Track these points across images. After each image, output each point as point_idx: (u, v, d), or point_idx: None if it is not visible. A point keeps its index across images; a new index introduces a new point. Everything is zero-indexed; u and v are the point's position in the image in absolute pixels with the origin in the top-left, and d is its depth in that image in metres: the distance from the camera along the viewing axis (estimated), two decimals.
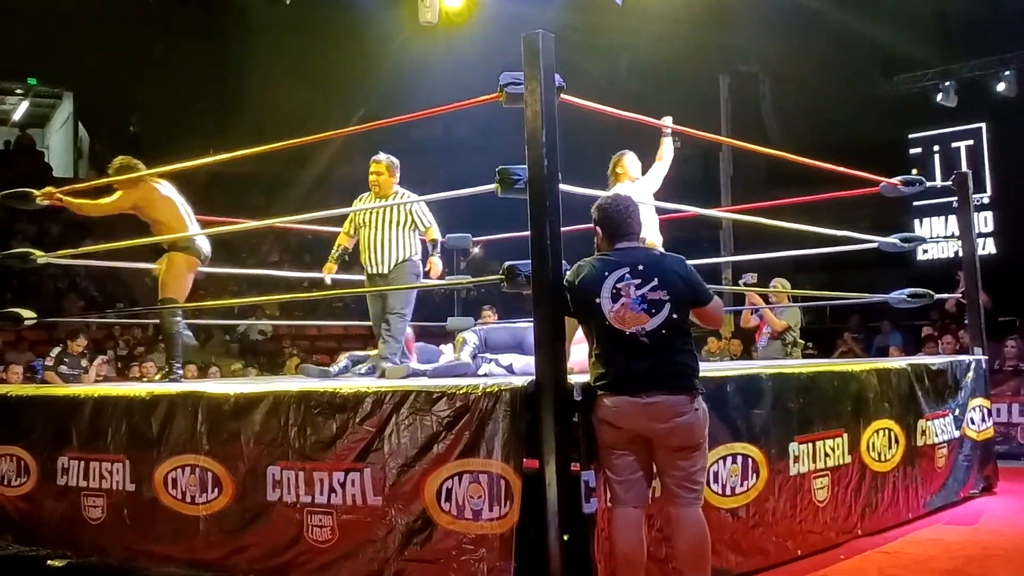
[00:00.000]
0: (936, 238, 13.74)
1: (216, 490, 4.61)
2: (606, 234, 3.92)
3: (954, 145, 14.92)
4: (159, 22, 17.17)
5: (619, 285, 3.73)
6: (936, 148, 15.12)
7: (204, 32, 17.90)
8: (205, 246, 6.46)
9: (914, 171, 11.32)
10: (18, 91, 20.55)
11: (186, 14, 17.53)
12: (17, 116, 21.20)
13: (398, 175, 6.13)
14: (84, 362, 10.55)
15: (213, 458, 4.64)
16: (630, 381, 3.70)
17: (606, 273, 3.76)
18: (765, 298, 8.36)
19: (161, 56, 17.31)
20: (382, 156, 6.09)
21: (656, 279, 3.73)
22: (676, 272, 3.81)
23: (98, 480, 5.07)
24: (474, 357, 5.69)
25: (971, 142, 14.82)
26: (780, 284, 8.09)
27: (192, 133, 16.94)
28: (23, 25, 15.66)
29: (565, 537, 3.68)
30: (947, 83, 14.66)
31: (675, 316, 3.72)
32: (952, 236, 7.34)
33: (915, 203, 14.25)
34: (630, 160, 6.26)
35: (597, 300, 3.74)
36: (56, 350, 10.57)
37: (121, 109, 18.76)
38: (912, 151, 15.29)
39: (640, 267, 3.76)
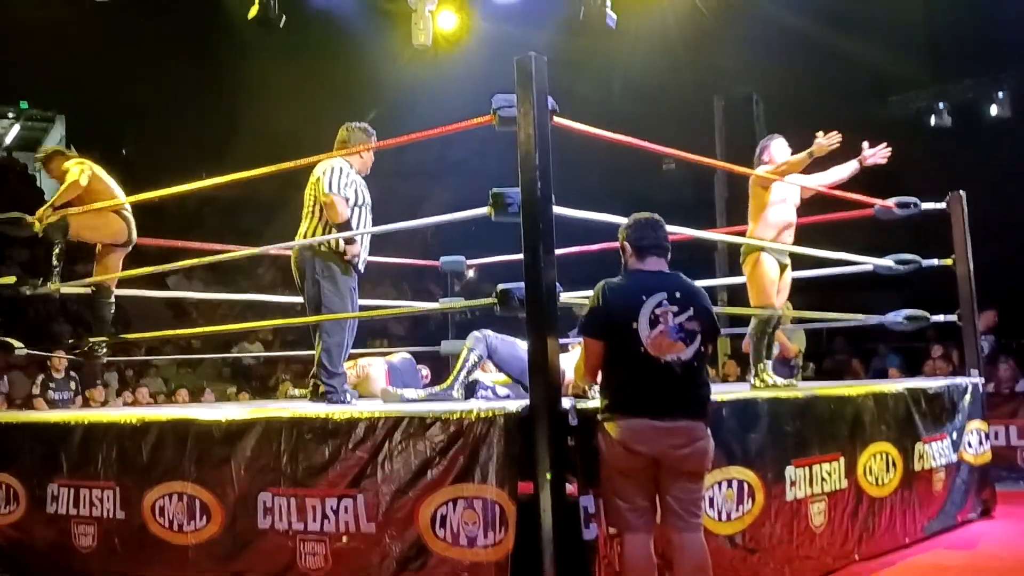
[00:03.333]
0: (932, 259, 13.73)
1: (204, 518, 4.55)
2: (636, 251, 3.87)
3: None
4: (151, 45, 17.19)
5: (657, 311, 3.69)
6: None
7: (197, 56, 17.91)
8: (134, 232, 6.53)
9: None
10: (10, 114, 20.57)
11: (179, 38, 17.55)
12: (9, 139, 21.21)
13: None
14: (73, 385, 10.42)
15: (202, 485, 4.58)
16: (653, 405, 3.67)
17: (643, 297, 3.71)
18: None
19: (153, 79, 17.33)
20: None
21: (692, 309, 3.73)
22: (707, 303, 3.82)
23: (88, 507, 5.02)
24: (472, 384, 5.48)
25: None
26: (785, 306, 7.99)
27: (185, 156, 16.92)
28: (15, 48, 15.67)
29: (564, 562, 3.64)
30: (940, 105, 14.73)
31: (703, 349, 3.75)
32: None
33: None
34: (777, 147, 6.29)
35: (634, 325, 3.68)
36: (40, 376, 10.47)
37: (113, 132, 18.78)
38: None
39: (677, 294, 3.74)
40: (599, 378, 3.87)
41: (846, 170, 6.52)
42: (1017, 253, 13.68)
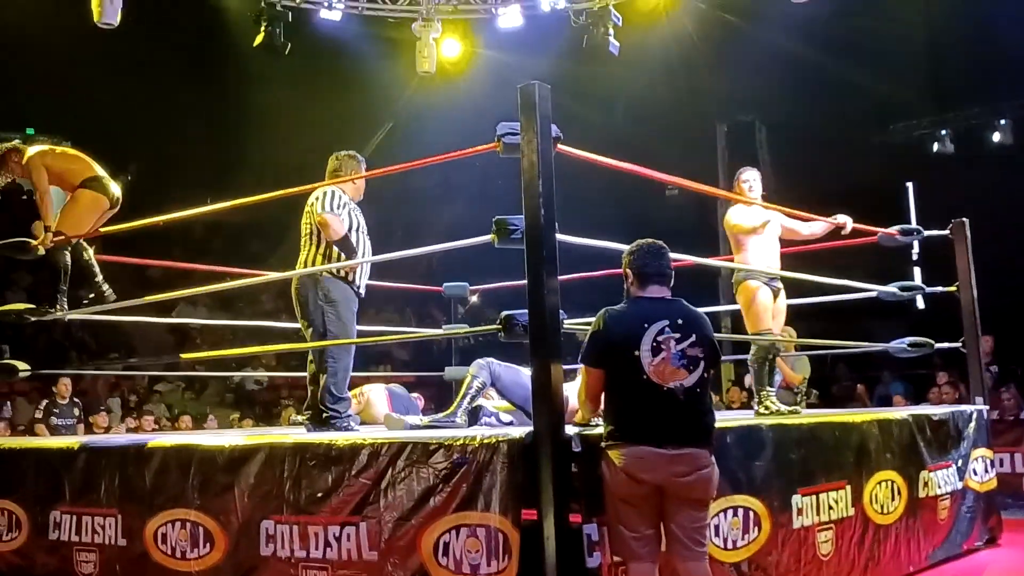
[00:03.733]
0: (935, 286, 13.71)
1: (208, 545, 4.53)
2: (639, 278, 3.88)
3: None
4: (158, 72, 17.28)
5: (660, 338, 3.69)
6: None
7: (203, 82, 18.00)
8: (115, 188, 6.42)
9: None
10: (14, 137, 20.64)
11: (185, 64, 17.66)
12: None
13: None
14: (77, 411, 10.41)
15: (204, 512, 4.57)
16: (657, 433, 3.65)
17: (645, 325, 3.71)
18: None
19: (159, 106, 17.41)
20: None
21: (694, 335, 3.73)
22: (708, 330, 3.82)
23: (90, 534, 5.00)
24: (476, 410, 5.48)
25: None
26: (787, 333, 7.98)
27: (190, 182, 16.98)
28: (22, 74, 15.76)
29: None
30: (943, 132, 14.76)
31: (706, 375, 3.74)
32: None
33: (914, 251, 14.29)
34: (747, 178, 6.31)
35: (636, 353, 3.67)
36: (44, 401, 10.46)
37: (119, 158, 18.77)
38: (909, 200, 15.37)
39: (679, 321, 3.74)
40: (602, 406, 3.86)
41: (821, 226, 6.56)
42: (1021, 280, 13.67)
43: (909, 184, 15.35)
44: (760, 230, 6.22)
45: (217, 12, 13.27)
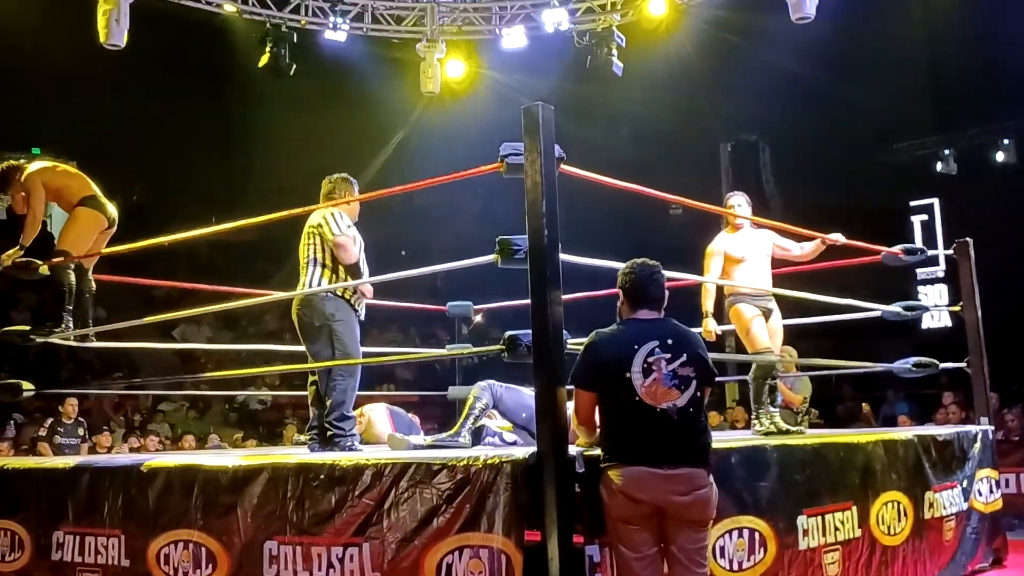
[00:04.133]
0: (940, 306, 13.72)
1: (211, 566, 4.51)
2: (630, 300, 3.88)
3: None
4: (163, 92, 17.39)
5: (650, 359, 3.68)
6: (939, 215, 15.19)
7: (208, 102, 18.12)
8: (112, 208, 6.51)
9: None
10: (21, 160, 20.72)
11: (190, 84, 17.76)
12: None
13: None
14: (81, 431, 10.40)
15: (207, 533, 4.55)
16: (652, 454, 3.64)
17: (635, 346, 3.70)
18: None
19: (166, 126, 17.50)
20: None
21: (685, 355, 3.71)
22: (700, 348, 3.80)
23: (93, 555, 4.98)
24: (479, 429, 5.48)
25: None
26: (787, 353, 7.97)
27: (196, 202, 17.04)
28: (28, 95, 15.87)
29: None
30: (947, 151, 14.78)
31: (699, 394, 3.72)
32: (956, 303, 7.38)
33: (919, 270, 14.31)
34: (737, 204, 6.42)
35: (627, 375, 3.66)
36: (49, 420, 10.45)
37: (125, 179, 18.89)
38: (913, 218, 15.36)
39: (669, 341, 3.72)
40: (597, 428, 3.85)
41: (812, 246, 6.63)
42: None
43: (921, 202, 15.29)
44: (736, 261, 6.35)
45: (222, 33, 13.36)
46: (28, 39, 13.58)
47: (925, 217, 14.99)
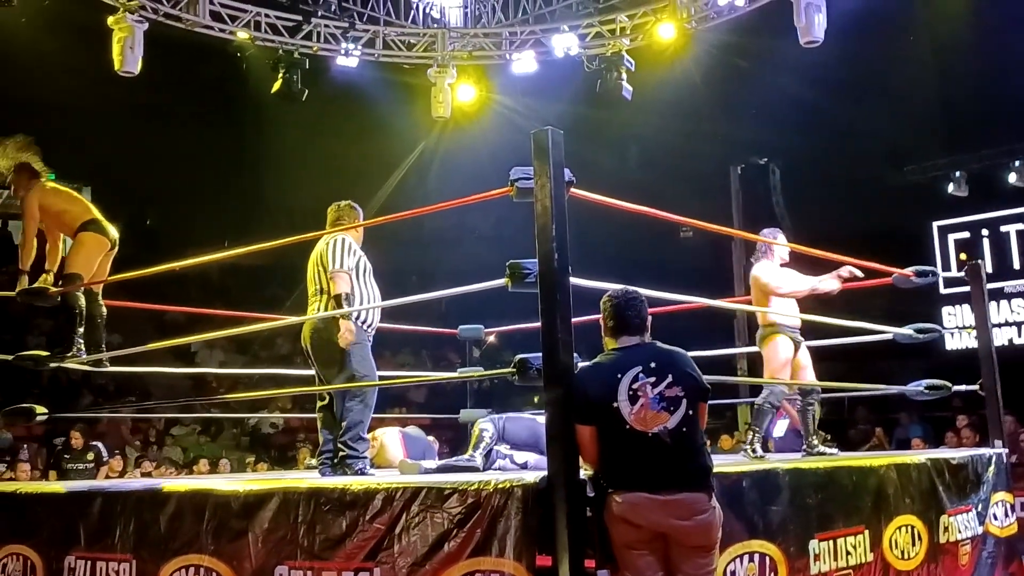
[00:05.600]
0: (957, 328, 13.62)
1: None
2: (611, 327, 3.90)
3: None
4: (177, 118, 17.52)
5: (635, 386, 3.68)
6: (952, 237, 15.13)
7: (221, 128, 18.23)
8: (113, 231, 6.63)
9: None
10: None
11: (204, 110, 17.88)
12: None
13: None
14: (91, 455, 10.37)
15: (218, 557, 4.54)
16: (649, 479, 3.63)
17: (618, 376, 3.71)
18: None
19: (179, 152, 17.62)
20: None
21: (670, 375, 3.70)
22: (686, 366, 3.78)
23: None
24: (489, 452, 5.55)
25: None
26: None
27: (208, 226, 17.14)
28: (43, 121, 16.00)
29: None
30: (957, 174, 14.76)
31: (690, 412, 3.69)
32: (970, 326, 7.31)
33: (942, 291, 14.25)
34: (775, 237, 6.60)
35: (615, 404, 3.68)
36: (59, 445, 10.46)
37: (138, 203, 19.04)
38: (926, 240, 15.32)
39: (652, 364, 3.72)
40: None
41: (825, 284, 6.59)
42: None
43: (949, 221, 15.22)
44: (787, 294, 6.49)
45: (235, 60, 13.47)
46: (44, 66, 13.71)
47: (966, 234, 14.90)
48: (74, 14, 12.12)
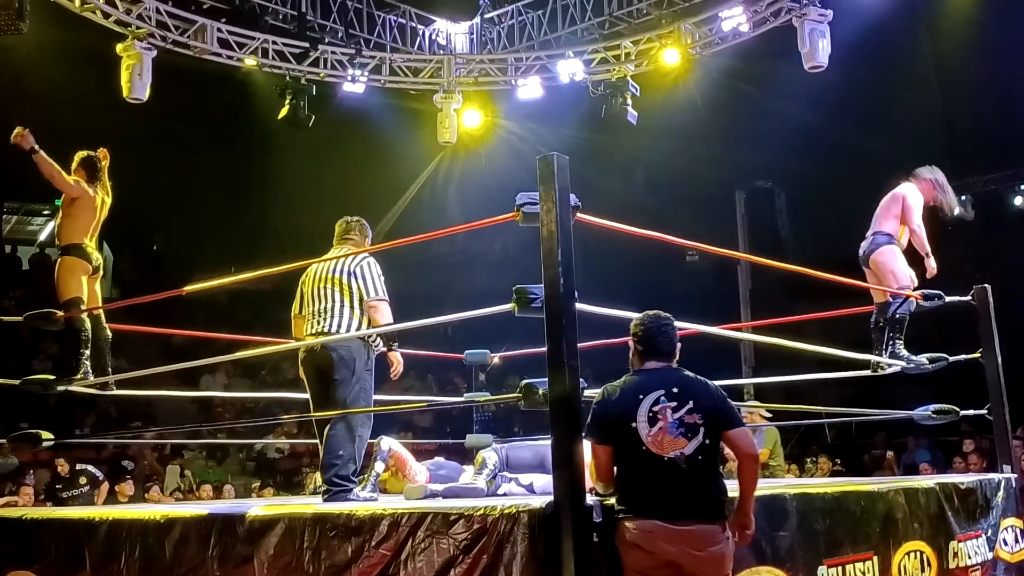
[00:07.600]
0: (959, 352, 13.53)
1: None
2: (640, 351, 3.90)
3: None
4: (184, 144, 17.62)
5: (655, 408, 3.68)
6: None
7: (228, 154, 18.34)
8: (96, 255, 6.91)
9: None
10: (45, 212, 20.95)
11: (211, 136, 17.99)
12: (43, 236, 21.58)
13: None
14: (83, 479, 10.22)
15: None
16: (664, 506, 3.61)
17: (640, 396, 3.72)
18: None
19: (185, 177, 17.72)
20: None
21: (691, 402, 3.70)
22: (709, 395, 3.78)
23: None
24: (493, 478, 5.56)
25: None
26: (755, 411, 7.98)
27: (215, 251, 17.19)
28: (49, 148, 16.11)
29: None
30: (963, 197, 14.76)
31: (708, 441, 3.69)
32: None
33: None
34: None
35: (633, 424, 3.68)
36: (52, 472, 10.41)
37: (145, 228, 19.12)
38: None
39: (675, 389, 3.73)
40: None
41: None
42: None
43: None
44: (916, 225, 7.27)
45: (243, 87, 13.56)
46: (53, 94, 13.82)
47: None
48: (83, 42, 12.22)
